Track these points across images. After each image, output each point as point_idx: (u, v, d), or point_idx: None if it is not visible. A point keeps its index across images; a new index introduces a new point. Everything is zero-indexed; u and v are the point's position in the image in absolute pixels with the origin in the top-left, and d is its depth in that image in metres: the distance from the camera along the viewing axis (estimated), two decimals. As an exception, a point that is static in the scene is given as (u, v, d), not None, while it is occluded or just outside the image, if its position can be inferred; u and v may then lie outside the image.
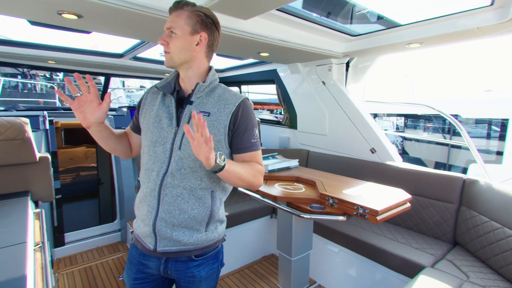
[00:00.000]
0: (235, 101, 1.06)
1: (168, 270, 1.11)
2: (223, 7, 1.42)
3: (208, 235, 1.10)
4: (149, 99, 1.13)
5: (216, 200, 1.10)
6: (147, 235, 1.07)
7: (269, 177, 1.99)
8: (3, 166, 1.84)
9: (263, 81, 3.60)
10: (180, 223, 1.04)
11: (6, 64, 2.86)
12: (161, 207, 1.04)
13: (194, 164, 1.03)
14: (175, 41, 1.00)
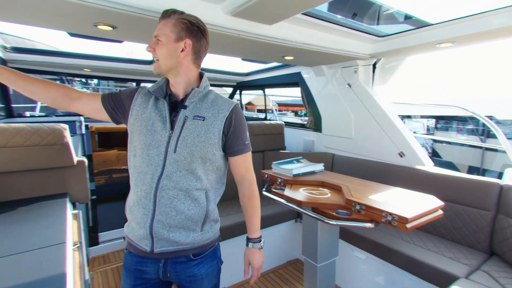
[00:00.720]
0: (228, 106, 1.11)
1: (167, 273, 1.12)
2: (248, 14, 1.45)
3: (204, 234, 1.13)
4: (139, 101, 1.13)
5: (211, 200, 1.13)
6: (142, 237, 1.08)
7: (294, 182, 1.98)
8: (45, 169, 1.97)
9: (287, 84, 3.60)
10: (177, 224, 1.06)
11: (47, 73, 3.12)
12: (158, 209, 1.05)
13: (189, 166, 1.06)
14: (161, 48, 1.04)
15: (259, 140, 3.18)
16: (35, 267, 1.12)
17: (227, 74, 4.33)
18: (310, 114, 3.33)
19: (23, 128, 1.90)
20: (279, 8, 1.35)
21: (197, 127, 1.06)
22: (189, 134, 1.05)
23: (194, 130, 1.05)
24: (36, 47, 3.16)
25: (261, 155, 3.24)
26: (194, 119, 1.07)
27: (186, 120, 1.06)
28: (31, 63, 2.77)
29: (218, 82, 4.89)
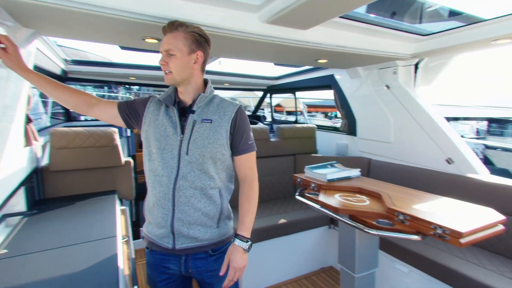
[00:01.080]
0: (233, 109, 1.19)
1: (189, 269, 1.20)
2: (284, 20, 1.45)
3: (220, 230, 1.21)
4: (151, 108, 1.21)
5: (224, 198, 1.21)
6: (164, 236, 1.16)
7: (328, 187, 1.92)
8: (98, 168, 2.20)
9: (319, 86, 3.53)
10: (195, 221, 1.15)
11: (98, 81, 3.46)
12: (177, 208, 1.13)
13: (202, 166, 1.13)
14: (175, 62, 1.09)
15: (290, 143, 3.15)
16: (92, 257, 1.24)
17: (258, 78, 4.37)
18: (344, 117, 3.23)
19: (81, 132, 2.14)
20: (316, 12, 1.33)
21: (205, 129, 1.13)
22: (198, 137, 1.13)
23: (203, 132, 1.13)
24: (89, 58, 3.54)
25: (292, 159, 3.20)
26: (202, 122, 1.14)
27: (195, 124, 1.14)
28: (86, 73, 3.12)
29: (249, 86, 4.95)
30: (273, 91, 4.82)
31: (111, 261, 1.23)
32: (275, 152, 3.08)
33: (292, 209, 2.71)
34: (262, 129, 3.01)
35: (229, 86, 4.70)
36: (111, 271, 1.15)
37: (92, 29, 1.44)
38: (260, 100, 5.48)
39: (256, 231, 2.29)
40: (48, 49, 2.25)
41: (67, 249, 1.33)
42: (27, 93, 1.78)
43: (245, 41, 1.64)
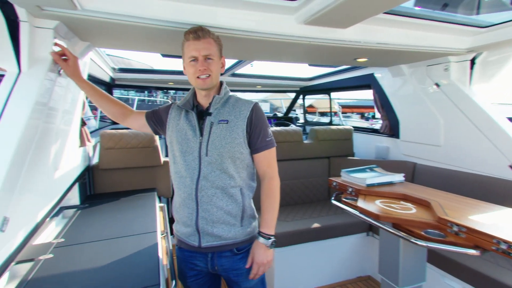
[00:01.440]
0: (248, 107, 1.20)
1: (215, 266, 1.24)
2: (322, 21, 1.41)
3: (244, 229, 1.22)
4: (173, 114, 1.28)
5: (245, 196, 1.23)
6: (190, 234, 1.22)
7: (368, 192, 1.82)
8: (140, 167, 2.36)
9: (357, 86, 3.39)
10: (218, 219, 1.18)
11: (141, 87, 3.72)
12: (200, 207, 1.18)
13: (222, 166, 1.16)
14: (214, 66, 1.15)
15: (324, 145, 3.06)
16: (135, 250, 1.33)
17: (291, 79, 4.33)
18: (384, 118, 3.05)
19: (126, 133, 2.32)
20: (358, 10, 1.27)
21: (222, 130, 1.16)
22: (216, 138, 1.16)
23: (220, 133, 1.16)
24: (133, 65, 3.83)
25: (326, 162, 3.11)
26: (219, 124, 1.18)
27: (212, 126, 1.18)
28: (131, 80, 3.39)
29: (281, 88, 4.92)
30: (307, 92, 4.73)
31: (152, 255, 1.30)
32: (309, 154, 3.01)
33: (326, 214, 2.63)
34: (295, 131, 2.97)
35: (261, 89, 4.72)
36: (152, 263, 1.22)
37: (137, 39, 1.53)
38: (293, 102, 5.41)
39: (288, 234, 2.26)
40: (99, 59, 2.45)
41: (114, 241, 1.44)
42: (82, 99, 1.96)
43: (281, 43, 1.62)
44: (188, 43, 1.14)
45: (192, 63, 1.14)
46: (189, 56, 1.14)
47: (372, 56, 2.11)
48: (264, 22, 1.43)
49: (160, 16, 1.23)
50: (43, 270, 1.17)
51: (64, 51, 1.26)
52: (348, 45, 1.75)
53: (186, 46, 1.15)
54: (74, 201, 1.99)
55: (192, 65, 1.14)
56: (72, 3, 1.02)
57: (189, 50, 1.13)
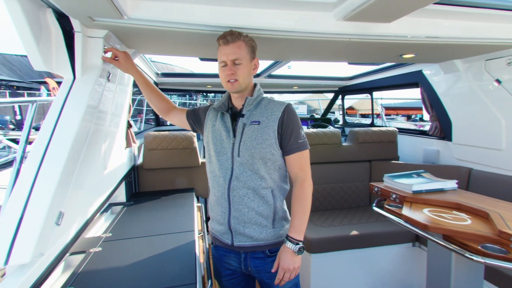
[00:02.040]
0: (280, 108, 1.20)
1: (248, 267, 1.25)
2: (364, 15, 1.32)
3: (276, 231, 1.22)
4: (210, 116, 1.33)
5: (277, 198, 1.23)
6: (223, 232, 1.25)
7: (414, 200, 1.68)
8: (179, 168, 2.47)
9: (403, 85, 3.15)
10: (250, 220, 1.19)
11: (181, 91, 3.91)
12: (232, 207, 1.20)
13: (253, 167, 1.18)
14: (242, 70, 1.16)
15: (365, 148, 2.89)
16: (174, 247, 1.39)
17: (329, 79, 4.19)
18: (434, 118, 2.79)
19: (167, 135, 2.45)
20: (404, 2, 1.17)
21: (253, 131, 1.18)
22: (248, 139, 1.18)
23: (251, 134, 1.18)
24: (175, 70, 4.08)
25: (367, 165, 2.93)
26: (251, 125, 1.20)
27: (245, 127, 1.20)
28: (172, 84, 3.60)
29: (319, 89, 4.79)
30: (346, 92, 4.54)
31: (189, 253, 1.34)
32: (348, 157, 2.87)
33: (366, 221, 2.48)
34: (333, 133, 2.85)
35: (298, 89, 4.64)
36: (189, 262, 1.26)
37: (178, 44, 1.61)
38: (331, 102, 5.22)
39: (325, 240, 2.18)
40: (144, 64, 2.63)
41: (155, 237, 1.51)
42: (128, 103, 2.11)
43: (319, 41, 1.57)
44: (219, 48, 1.18)
45: (223, 68, 1.18)
46: (220, 61, 1.18)
47: (421, 52, 1.94)
48: (301, 20, 1.39)
49: (199, 20, 1.27)
50: (93, 262, 1.27)
51: (113, 51, 1.38)
52: (393, 41, 1.63)
53: (218, 51, 1.20)
54: (121, 198, 2.14)
55: (223, 70, 1.18)
56: (119, 13, 1.09)
57: (220, 55, 1.18)
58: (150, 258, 1.30)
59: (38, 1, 1.02)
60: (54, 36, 1.13)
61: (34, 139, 1.10)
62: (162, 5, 1.20)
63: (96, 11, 1.09)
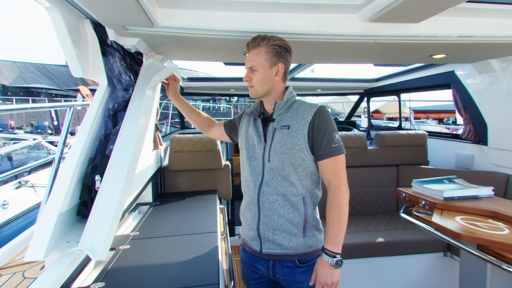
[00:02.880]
0: (311, 111, 1.15)
1: (276, 274, 1.21)
2: (391, 16, 1.29)
3: (307, 240, 1.18)
4: (244, 122, 1.34)
5: (308, 206, 1.18)
6: (253, 238, 1.23)
7: (445, 207, 1.60)
8: (203, 170, 2.53)
9: (433, 86, 3.01)
10: (279, 227, 1.16)
11: (206, 95, 4.02)
12: (262, 213, 1.18)
13: (283, 172, 1.15)
14: (257, 77, 1.16)
15: (392, 152, 2.79)
16: (197, 248, 1.43)
17: (354, 81, 4.09)
18: (468, 121, 2.64)
19: (192, 138, 2.53)
20: (435, 1, 1.13)
21: (283, 136, 1.16)
22: (277, 144, 1.16)
23: (281, 139, 1.16)
24: (199, 75, 4.20)
25: (394, 170, 2.82)
26: (281, 129, 1.17)
27: (275, 131, 1.18)
28: (197, 88, 3.69)
29: (343, 91, 4.69)
30: (372, 94, 4.41)
31: (212, 254, 1.36)
32: (373, 161, 2.78)
33: (393, 227, 2.39)
34: (358, 136, 2.78)
35: (321, 92, 4.59)
36: (212, 263, 1.28)
37: (204, 50, 1.66)
38: (356, 105, 5.10)
39: (349, 247, 2.12)
40: None
41: (179, 237, 1.56)
42: (156, 107, 2.20)
43: (344, 43, 1.55)
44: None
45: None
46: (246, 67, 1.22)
47: (452, 52, 1.85)
48: (324, 23, 1.38)
49: (225, 26, 1.31)
50: (121, 258, 1.33)
51: (169, 80, 1.60)
52: (422, 41, 1.57)
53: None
54: (148, 199, 2.23)
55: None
56: (150, 22, 1.16)
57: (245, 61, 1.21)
58: (174, 257, 1.34)
59: (78, 13, 1.10)
60: (91, 44, 1.21)
61: (69, 143, 1.19)
62: (190, 13, 1.26)
63: (130, 20, 1.16)
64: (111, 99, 1.32)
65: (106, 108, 1.30)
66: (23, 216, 2.75)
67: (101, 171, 1.17)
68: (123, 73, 1.33)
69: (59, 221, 1.02)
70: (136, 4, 0.97)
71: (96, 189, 1.13)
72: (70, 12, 1.05)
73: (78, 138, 1.15)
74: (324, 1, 1.25)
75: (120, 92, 1.35)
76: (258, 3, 1.22)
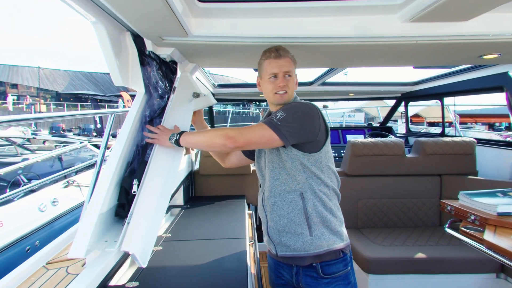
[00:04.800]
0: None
1: (300, 283, 1.21)
2: (435, 15, 1.20)
3: (315, 240, 1.14)
4: None
5: (308, 201, 1.16)
6: (268, 242, 1.28)
7: (500, 223, 1.43)
8: (232, 175, 2.57)
9: (482, 89, 2.74)
10: (283, 228, 1.18)
11: (235, 100, 4.08)
12: (268, 217, 1.23)
13: (275, 173, 1.19)
14: (291, 82, 1.21)
15: (434, 160, 2.57)
16: (226, 253, 1.44)
17: (390, 85, 3.88)
18: (525, 128, 2.36)
19: None
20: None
21: None
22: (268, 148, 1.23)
23: None
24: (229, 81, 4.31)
25: (437, 180, 2.60)
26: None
27: None
28: (227, 94, 3.77)
29: (378, 95, 4.48)
30: (411, 98, 4.14)
31: (241, 260, 1.36)
32: (413, 170, 2.59)
33: (435, 243, 2.20)
34: (395, 143, 2.61)
35: (354, 96, 4.42)
36: (241, 269, 1.28)
37: (235, 57, 1.68)
38: (392, 110, 4.82)
39: (386, 261, 1.98)
40: (203, 77, 2.82)
41: (209, 242, 1.58)
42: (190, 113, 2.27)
43: (380, 46, 1.47)
44: (268, 61, 1.21)
45: (271, 79, 1.20)
46: (269, 73, 1.20)
47: (506, 51, 1.66)
48: (360, 25, 1.32)
49: (255, 33, 1.31)
50: (154, 259, 1.38)
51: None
52: (471, 40, 1.43)
53: (266, 64, 1.22)
54: (179, 201, 2.30)
55: (271, 82, 1.20)
56: (184, 31, 1.20)
57: (270, 67, 1.19)
58: (204, 261, 1.35)
59: (120, 26, 1.17)
60: (131, 55, 1.29)
61: (111, 145, 1.26)
62: (222, 22, 1.28)
63: (166, 31, 1.21)
64: (147, 106, 1.38)
65: (143, 115, 1.37)
66: (70, 213, 2.99)
67: (139, 175, 1.22)
68: (159, 81, 1.40)
69: (99, 221, 1.08)
70: (172, 15, 1.01)
71: (133, 193, 1.18)
72: (112, 26, 1.12)
73: (117, 143, 1.21)
74: (359, 3, 1.20)
75: (156, 100, 1.41)
76: (288, 8, 1.21)
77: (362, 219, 2.46)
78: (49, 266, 1.14)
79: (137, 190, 1.17)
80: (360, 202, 2.45)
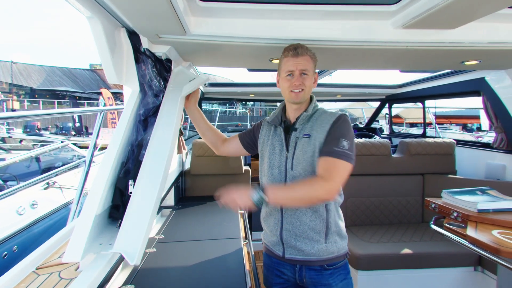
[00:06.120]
0: (331, 119, 1.18)
1: (303, 278, 1.22)
2: (425, 23, 1.25)
3: (328, 247, 1.19)
4: (264, 131, 1.34)
5: (331, 212, 1.19)
6: (275, 243, 1.25)
7: (480, 219, 1.52)
8: (223, 174, 2.55)
9: (461, 93, 2.90)
10: (301, 234, 1.18)
11: (224, 99, 4.06)
12: (285, 219, 1.20)
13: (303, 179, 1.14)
14: (308, 81, 1.19)
15: (418, 160, 2.70)
16: (221, 253, 1.43)
17: (375, 87, 4.02)
18: (500, 130, 2.52)
19: None
20: (475, 7, 1.09)
21: (304, 144, 1.17)
22: (299, 152, 1.18)
23: (302, 148, 1.17)
24: (217, 80, 4.26)
25: (420, 179, 2.73)
26: (302, 138, 1.19)
27: (297, 140, 1.20)
28: (217, 93, 3.75)
29: (364, 97, 4.62)
30: (394, 100, 4.30)
31: (236, 260, 1.36)
32: (398, 170, 2.70)
33: (419, 239, 2.30)
34: (381, 143, 2.71)
35: (341, 98, 4.53)
36: (237, 269, 1.28)
37: (231, 57, 1.68)
38: (377, 111, 4.99)
39: (373, 257, 2.06)
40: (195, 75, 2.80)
41: (203, 242, 1.56)
42: (181, 111, 2.24)
43: (372, 50, 1.52)
44: (286, 59, 1.20)
45: (288, 77, 1.19)
46: (286, 70, 1.19)
47: (486, 58, 1.77)
48: (354, 29, 1.36)
49: (252, 34, 1.32)
50: (149, 261, 1.35)
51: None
52: (455, 47, 1.52)
53: (284, 62, 1.21)
54: (170, 202, 2.27)
55: (287, 80, 1.19)
56: (183, 30, 1.18)
57: (287, 65, 1.19)
58: (200, 262, 1.34)
59: (115, 22, 1.14)
60: (126, 52, 1.25)
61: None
62: (220, 21, 1.28)
63: (164, 29, 1.19)
64: (142, 105, 1.35)
65: (137, 113, 1.34)
66: (50, 216, 2.85)
67: (134, 175, 1.19)
68: (154, 79, 1.37)
69: (94, 223, 1.04)
70: (173, 13, 1.00)
71: (129, 194, 1.16)
72: (108, 21, 1.09)
73: (112, 142, 1.18)
74: (355, 8, 1.23)
75: (150, 98, 1.38)
76: (287, 11, 1.23)
77: (350, 217, 2.53)
78: (40, 272, 1.09)
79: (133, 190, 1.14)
80: (349, 201, 2.52)
